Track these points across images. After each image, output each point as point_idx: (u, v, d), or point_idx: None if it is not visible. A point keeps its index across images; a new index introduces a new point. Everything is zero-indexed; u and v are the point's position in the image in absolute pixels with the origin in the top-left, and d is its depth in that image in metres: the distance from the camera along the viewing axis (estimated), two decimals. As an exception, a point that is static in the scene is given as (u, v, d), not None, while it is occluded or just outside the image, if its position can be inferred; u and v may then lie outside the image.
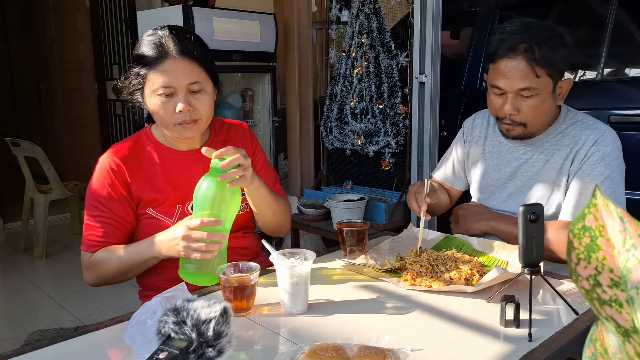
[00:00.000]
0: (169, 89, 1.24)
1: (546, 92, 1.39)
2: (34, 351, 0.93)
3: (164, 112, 1.26)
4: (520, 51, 1.36)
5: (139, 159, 1.34)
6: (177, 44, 1.25)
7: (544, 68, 1.35)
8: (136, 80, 1.28)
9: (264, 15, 3.32)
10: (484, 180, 1.62)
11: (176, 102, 1.25)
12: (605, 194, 1.41)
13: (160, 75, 1.24)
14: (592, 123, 1.46)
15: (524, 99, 1.39)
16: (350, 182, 3.28)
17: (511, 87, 1.38)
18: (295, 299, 1.07)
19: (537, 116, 1.42)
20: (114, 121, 4.94)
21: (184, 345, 0.81)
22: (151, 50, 1.25)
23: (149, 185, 1.33)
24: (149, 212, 1.33)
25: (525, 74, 1.36)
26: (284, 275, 1.06)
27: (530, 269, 1.01)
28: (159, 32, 1.28)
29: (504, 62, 1.38)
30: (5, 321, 2.86)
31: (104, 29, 4.86)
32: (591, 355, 0.40)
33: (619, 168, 1.41)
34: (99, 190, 1.30)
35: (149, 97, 1.27)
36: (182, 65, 1.25)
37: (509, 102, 1.40)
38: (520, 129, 1.44)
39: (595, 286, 0.38)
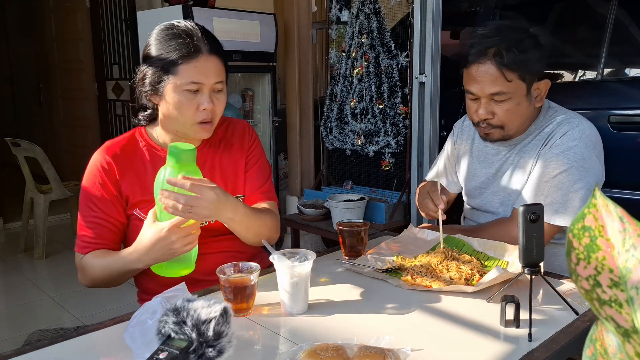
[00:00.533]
0: (196, 85, 1.21)
1: (519, 95, 1.37)
2: (34, 351, 0.93)
3: (186, 109, 1.22)
4: (489, 55, 1.34)
5: (130, 158, 1.31)
6: (209, 41, 1.23)
7: (514, 72, 1.34)
8: (157, 74, 1.22)
9: (264, 15, 3.32)
10: (471, 183, 1.63)
11: (200, 100, 1.23)
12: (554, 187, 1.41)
13: (192, 71, 1.20)
14: (568, 118, 1.44)
15: (497, 103, 1.38)
16: (350, 182, 3.28)
17: (483, 92, 1.38)
18: (295, 299, 1.07)
19: (513, 118, 1.40)
20: (114, 121, 4.94)
21: (184, 345, 0.81)
22: (182, 44, 1.21)
23: (138, 186, 1.30)
24: (135, 214, 1.30)
25: (495, 79, 1.35)
26: (284, 275, 1.06)
27: (530, 269, 1.01)
28: (186, 24, 1.24)
29: (474, 67, 1.38)
30: (5, 321, 2.86)
31: (104, 29, 4.86)
32: (591, 355, 0.40)
33: (581, 164, 1.36)
34: (91, 190, 1.29)
35: (170, 92, 1.22)
36: (213, 63, 1.23)
37: (483, 107, 1.40)
38: (498, 131, 1.43)
39: (595, 286, 0.38)
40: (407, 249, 1.43)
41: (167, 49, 1.22)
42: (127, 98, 4.69)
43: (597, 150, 1.41)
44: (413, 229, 1.53)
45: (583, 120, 1.44)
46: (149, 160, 1.33)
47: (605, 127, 2.17)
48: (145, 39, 1.30)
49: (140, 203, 1.30)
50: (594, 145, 1.40)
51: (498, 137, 1.45)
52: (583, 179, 1.35)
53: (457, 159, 1.68)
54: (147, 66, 1.25)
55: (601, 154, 1.43)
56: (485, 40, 1.36)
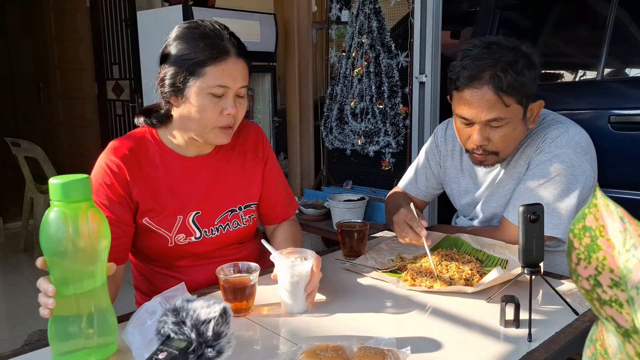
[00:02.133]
0: (223, 89, 1.16)
1: (516, 120, 1.30)
2: (34, 351, 0.93)
3: (210, 113, 1.16)
4: (485, 80, 1.25)
5: (140, 161, 1.23)
6: (237, 44, 1.18)
7: (512, 96, 1.25)
8: (181, 75, 1.15)
9: (264, 15, 3.32)
10: (464, 199, 1.57)
11: (224, 104, 1.17)
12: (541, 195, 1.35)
13: (220, 73, 1.14)
14: (557, 123, 1.39)
15: (493, 129, 1.30)
16: (351, 182, 3.28)
17: (478, 118, 1.28)
18: (295, 298, 1.07)
19: (509, 144, 1.34)
20: (114, 121, 4.94)
21: (184, 345, 0.81)
22: (210, 45, 1.14)
23: (149, 191, 1.22)
24: (145, 223, 1.22)
25: (492, 104, 1.26)
26: (284, 275, 1.06)
27: (530, 269, 1.00)
28: (211, 24, 1.18)
29: (468, 91, 1.27)
30: (5, 321, 2.86)
31: (104, 29, 4.86)
32: (591, 355, 0.40)
33: (570, 171, 1.31)
34: (97, 191, 1.19)
35: (194, 94, 1.15)
36: (241, 67, 1.18)
37: (478, 133, 1.31)
38: (493, 157, 1.36)
39: (595, 286, 0.38)
40: (407, 250, 1.43)
41: (194, 49, 1.14)
42: (127, 98, 4.69)
43: (589, 155, 1.36)
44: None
45: (572, 125, 1.39)
46: (161, 164, 1.25)
47: (605, 127, 2.16)
48: (146, 39, 1.29)
49: (150, 212, 1.22)
50: (585, 151, 1.35)
51: (493, 163, 1.39)
52: (571, 187, 1.31)
53: (444, 171, 1.61)
54: (169, 66, 1.17)
55: (593, 159, 1.38)
56: (478, 64, 1.26)
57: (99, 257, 0.83)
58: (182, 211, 1.25)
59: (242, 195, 1.34)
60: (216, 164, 1.31)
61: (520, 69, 1.25)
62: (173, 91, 1.17)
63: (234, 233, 1.32)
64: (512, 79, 1.24)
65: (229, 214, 1.31)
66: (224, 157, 1.32)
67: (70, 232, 0.80)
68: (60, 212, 0.80)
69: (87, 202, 0.82)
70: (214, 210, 1.29)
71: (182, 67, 1.15)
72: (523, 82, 1.26)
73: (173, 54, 1.17)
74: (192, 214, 1.26)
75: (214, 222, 1.29)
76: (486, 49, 1.28)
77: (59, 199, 0.80)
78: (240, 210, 1.33)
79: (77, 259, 0.81)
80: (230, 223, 1.32)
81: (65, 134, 5.67)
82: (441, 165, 1.61)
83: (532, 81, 1.28)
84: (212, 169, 1.29)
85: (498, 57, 1.26)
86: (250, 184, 1.35)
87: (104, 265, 0.86)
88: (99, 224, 0.83)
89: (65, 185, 0.80)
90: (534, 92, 1.31)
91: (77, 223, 0.80)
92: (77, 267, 0.82)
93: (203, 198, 1.27)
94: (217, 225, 1.29)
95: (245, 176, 1.35)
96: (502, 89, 1.24)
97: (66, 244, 0.80)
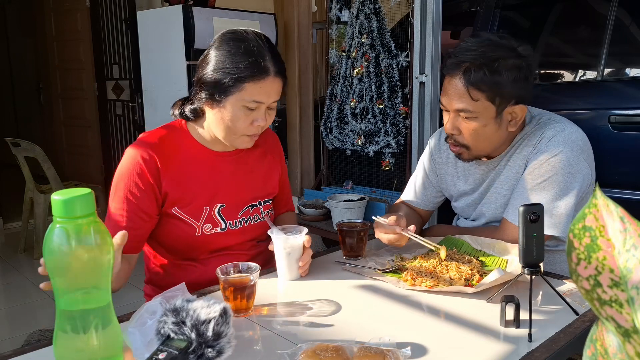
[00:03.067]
0: (257, 104, 1.23)
1: (487, 117, 1.32)
2: (34, 351, 0.93)
3: (242, 123, 1.24)
4: (459, 70, 1.30)
5: (171, 151, 1.29)
6: (276, 63, 1.24)
7: (482, 92, 1.28)
8: (221, 86, 1.21)
9: (264, 15, 3.32)
10: (464, 202, 1.58)
11: (255, 116, 1.24)
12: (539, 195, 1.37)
13: (257, 90, 1.21)
14: (553, 122, 1.39)
15: (464, 120, 1.34)
16: (351, 182, 3.28)
17: (450, 106, 1.34)
18: (288, 267, 1.22)
19: (480, 140, 1.36)
20: (114, 121, 4.94)
21: (184, 345, 0.81)
22: (254, 64, 1.20)
23: (178, 182, 1.28)
24: (174, 212, 1.28)
25: (461, 95, 1.31)
26: (279, 247, 1.21)
27: (531, 269, 1.00)
28: (257, 41, 1.23)
29: (447, 79, 1.34)
30: (5, 321, 2.86)
31: (104, 29, 4.86)
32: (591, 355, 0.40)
33: (567, 170, 1.32)
34: (126, 181, 1.24)
35: (230, 105, 1.22)
36: (277, 85, 1.24)
37: (450, 120, 1.36)
38: (465, 151, 1.39)
39: (595, 286, 0.38)
40: (408, 250, 1.43)
41: (237, 65, 1.20)
42: (127, 98, 4.69)
43: (585, 153, 1.37)
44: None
45: (568, 124, 1.39)
46: (190, 156, 1.31)
47: (605, 127, 2.16)
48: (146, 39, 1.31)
49: (179, 201, 1.28)
50: (581, 150, 1.35)
51: (468, 157, 1.42)
52: (569, 185, 1.32)
53: (441, 179, 1.62)
54: (210, 73, 1.22)
55: (590, 157, 1.39)
56: (463, 54, 1.30)
57: (103, 272, 0.82)
58: (209, 203, 1.32)
59: (262, 191, 1.42)
60: (240, 160, 1.39)
61: (497, 68, 1.27)
62: (210, 97, 1.24)
63: (255, 226, 1.39)
64: (483, 76, 1.27)
65: (250, 208, 1.39)
66: (246, 155, 1.41)
67: (73, 249, 0.79)
68: (62, 228, 0.79)
69: (90, 217, 0.81)
70: (237, 204, 1.37)
71: (223, 78, 1.21)
72: (497, 81, 1.28)
73: (216, 63, 1.22)
74: (218, 206, 1.33)
75: (237, 215, 1.36)
76: (478, 43, 1.32)
77: (62, 215, 0.79)
78: (260, 205, 1.41)
79: (81, 275, 0.81)
80: (252, 217, 1.39)
81: (65, 134, 5.67)
82: (437, 174, 1.63)
83: (510, 82, 1.29)
84: (237, 165, 1.38)
85: (482, 52, 1.29)
86: (269, 182, 1.45)
87: (108, 280, 0.84)
88: (102, 240, 0.82)
89: (67, 202, 0.78)
90: (514, 94, 1.31)
91: (80, 240, 0.79)
92: (81, 283, 0.81)
93: (227, 191, 1.36)
94: (240, 218, 1.37)
95: (265, 174, 1.44)
96: (470, 82, 1.29)
97: (69, 260, 0.79)
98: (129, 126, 4.73)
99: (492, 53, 1.29)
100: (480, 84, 1.28)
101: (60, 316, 0.82)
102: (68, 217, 0.79)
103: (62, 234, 0.79)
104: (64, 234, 0.79)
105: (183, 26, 2.97)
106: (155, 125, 1.46)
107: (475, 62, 1.28)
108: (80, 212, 0.79)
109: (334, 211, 2.86)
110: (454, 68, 1.31)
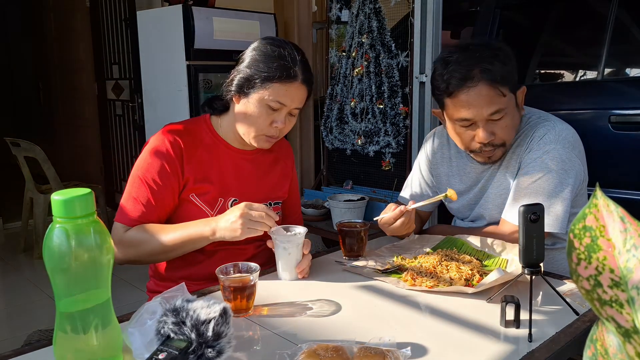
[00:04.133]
0: (279, 105, 1.30)
1: (512, 108, 1.35)
2: (34, 351, 0.93)
3: (262, 121, 1.31)
4: (477, 77, 1.29)
5: (195, 143, 1.36)
6: (305, 72, 1.32)
7: (506, 85, 1.30)
8: (251, 81, 1.30)
9: (264, 15, 3.32)
10: (460, 203, 1.58)
11: (276, 117, 1.31)
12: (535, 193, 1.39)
13: (282, 92, 1.29)
14: (543, 120, 1.42)
15: (496, 122, 1.33)
16: (351, 182, 3.28)
17: (481, 115, 1.31)
18: (289, 267, 1.23)
19: (511, 132, 1.38)
20: (114, 121, 4.94)
21: (184, 345, 0.81)
22: (284, 67, 1.28)
23: (199, 171, 1.34)
24: (192, 198, 1.34)
25: (491, 98, 1.29)
26: (279, 245, 1.23)
27: (531, 269, 1.00)
28: (291, 50, 1.32)
29: (464, 92, 1.30)
30: (5, 321, 2.86)
31: (104, 29, 4.86)
32: (592, 355, 0.40)
33: (560, 167, 1.34)
34: (153, 164, 1.30)
35: (255, 100, 1.30)
36: (302, 92, 1.32)
37: (483, 130, 1.33)
38: (501, 150, 1.40)
39: (595, 286, 0.38)
40: (408, 250, 1.43)
41: (269, 65, 1.29)
42: (127, 98, 4.69)
43: (577, 150, 1.38)
44: (414, 235, 1.53)
45: (558, 122, 1.41)
46: (212, 148, 1.39)
47: (605, 127, 2.16)
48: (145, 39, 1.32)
49: (198, 189, 1.34)
50: (573, 146, 1.37)
51: (500, 156, 1.42)
52: (564, 182, 1.33)
53: (438, 180, 1.62)
54: (244, 69, 1.31)
55: (582, 153, 1.40)
56: (464, 64, 1.30)
57: (103, 273, 0.83)
58: (224, 195, 1.38)
59: (273, 194, 1.49)
60: (256, 160, 1.46)
61: (503, 59, 1.31)
62: (239, 91, 1.33)
63: None
64: (501, 69, 1.30)
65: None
66: (262, 157, 1.48)
67: (73, 249, 0.79)
68: (62, 229, 0.79)
69: (90, 217, 0.81)
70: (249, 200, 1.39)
71: (254, 74, 1.30)
72: (509, 71, 1.32)
73: (250, 61, 1.32)
74: (231, 199, 1.38)
75: None
76: (465, 51, 1.33)
77: (62, 215, 0.79)
78: (270, 205, 1.47)
79: (81, 275, 0.81)
80: None
81: (65, 134, 5.67)
82: (433, 174, 1.63)
83: (514, 70, 1.34)
84: (253, 164, 1.44)
85: (480, 55, 1.31)
86: (280, 186, 1.51)
87: (108, 280, 0.85)
88: (102, 240, 0.82)
89: (67, 202, 0.78)
90: (517, 81, 1.37)
91: (80, 240, 0.79)
92: (81, 283, 0.81)
93: (242, 187, 1.41)
94: None
95: (277, 178, 1.51)
96: (496, 80, 1.29)
97: (69, 260, 0.79)
98: (129, 126, 4.73)
99: (487, 52, 1.32)
100: (502, 78, 1.29)
101: (60, 316, 0.82)
102: (68, 217, 0.79)
103: (62, 234, 0.79)
104: (64, 234, 0.79)
105: (183, 26, 2.97)
106: (155, 125, 1.47)
107: (484, 61, 1.29)
108: (80, 212, 0.79)
109: (334, 211, 2.86)
110: (467, 80, 1.29)
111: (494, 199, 1.48)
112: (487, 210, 1.50)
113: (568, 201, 1.33)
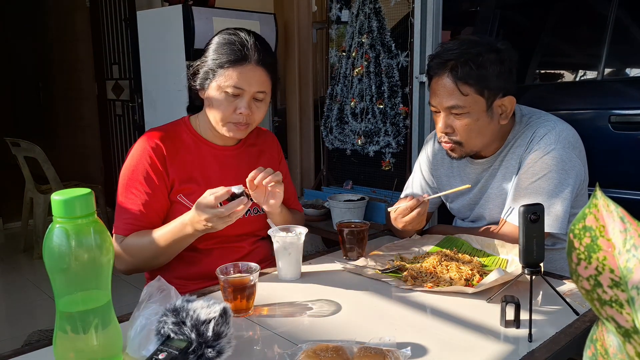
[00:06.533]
0: (237, 90, 1.30)
1: (478, 111, 1.35)
2: (34, 351, 0.93)
3: (223, 109, 1.31)
4: (447, 69, 1.34)
5: (176, 145, 1.37)
6: (259, 52, 1.32)
7: (470, 86, 1.32)
8: (207, 69, 1.32)
9: (264, 15, 3.31)
10: (460, 203, 1.59)
11: (238, 104, 1.31)
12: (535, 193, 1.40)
13: (235, 76, 1.29)
14: (543, 121, 1.42)
15: (456, 117, 1.37)
16: (351, 182, 3.28)
17: (441, 105, 1.37)
18: (288, 266, 1.24)
19: (473, 135, 1.38)
20: (114, 121, 4.94)
21: (184, 345, 0.81)
22: (233, 50, 1.30)
23: (184, 172, 1.35)
24: (180, 199, 1.35)
25: (451, 92, 1.34)
26: (279, 246, 1.23)
27: (531, 269, 1.00)
28: (242, 35, 1.33)
29: (434, 80, 1.38)
30: (5, 321, 2.86)
31: (104, 28, 4.86)
32: (592, 355, 0.40)
33: (561, 167, 1.34)
34: (137, 171, 1.32)
35: (214, 90, 1.31)
36: (258, 74, 1.31)
37: (442, 120, 1.39)
38: (457, 147, 1.41)
39: (595, 286, 0.38)
40: (408, 250, 1.43)
41: (220, 52, 1.31)
42: (127, 98, 4.69)
43: (577, 150, 1.39)
44: (415, 235, 1.53)
45: (558, 122, 1.42)
46: (194, 149, 1.39)
47: (605, 127, 2.16)
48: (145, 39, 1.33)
49: (185, 189, 1.35)
50: (573, 146, 1.38)
51: (459, 154, 1.44)
52: (564, 182, 1.34)
53: (438, 180, 1.63)
54: (199, 63, 1.34)
55: (582, 153, 1.41)
56: (446, 54, 1.35)
57: (103, 273, 0.82)
58: None
59: None
60: (240, 155, 1.46)
61: (481, 62, 1.32)
62: (202, 85, 1.34)
63: (254, 219, 1.43)
64: (470, 70, 1.32)
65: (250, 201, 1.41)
66: (245, 151, 1.48)
67: (73, 249, 0.79)
68: (62, 229, 0.79)
69: (90, 217, 0.81)
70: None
71: (208, 66, 1.32)
72: (484, 75, 1.33)
73: (206, 54, 1.34)
74: None
75: None
76: (459, 43, 1.37)
77: (62, 215, 0.79)
78: None
79: (80, 275, 0.81)
80: (251, 210, 1.42)
81: (65, 134, 5.67)
82: (433, 175, 1.64)
83: (495, 75, 1.34)
84: (237, 159, 1.44)
85: (464, 50, 1.34)
86: None
87: (108, 280, 0.84)
88: (102, 240, 0.82)
89: (67, 202, 0.78)
90: (501, 86, 1.36)
91: (80, 240, 0.79)
92: (81, 283, 0.81)
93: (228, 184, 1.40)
94: None
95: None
96: (458, 77, 1.32)
97: (69, 260, 0.79)
98: (129, 126, 4.72)
99: (474, 49, 1.34)
100: (468, 78, 1.32)
101: (60, 316, 0.82)
102: (68, 217, 0.79)
103: (62, 234, 0.79)
104: (63, 234, 0.79)
105: (183, 26, 2.97)
106: (155, 125, 1.48)
107: (459, 58, 1.32)
108: (80, 212, 0.79)
109: (334, 211, 2.85)
110: (440, 68, 1.36)
111: (494, 199, 1.48)
112: (487, 210, 1.50)
113: (568, 201, 1.33)
